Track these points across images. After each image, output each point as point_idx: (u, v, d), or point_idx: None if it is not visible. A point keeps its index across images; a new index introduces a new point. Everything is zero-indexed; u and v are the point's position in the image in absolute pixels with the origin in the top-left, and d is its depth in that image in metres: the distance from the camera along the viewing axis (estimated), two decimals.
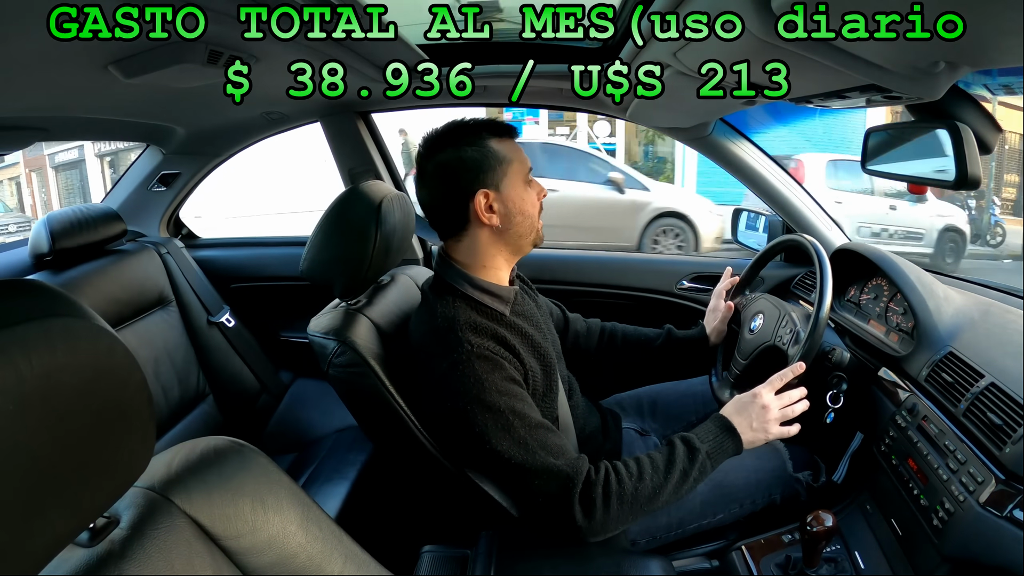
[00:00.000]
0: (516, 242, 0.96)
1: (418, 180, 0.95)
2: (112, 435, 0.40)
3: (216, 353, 1.58)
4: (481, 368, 0.84)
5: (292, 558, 0.56)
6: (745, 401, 0.92)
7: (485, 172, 0.91)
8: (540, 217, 0.98)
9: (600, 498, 0.82)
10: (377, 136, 1.67)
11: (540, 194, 0.98)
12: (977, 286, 1.19)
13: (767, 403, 0.91)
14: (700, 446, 0.87)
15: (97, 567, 0.45)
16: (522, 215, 0.94)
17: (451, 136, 0.93)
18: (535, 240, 0.98)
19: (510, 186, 0.93)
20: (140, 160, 1.74)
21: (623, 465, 0.86)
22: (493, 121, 0.95)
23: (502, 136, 0.94)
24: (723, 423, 0.91)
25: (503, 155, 0.92)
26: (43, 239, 1.31)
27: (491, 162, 0.91)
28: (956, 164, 0.76)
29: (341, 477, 1.30)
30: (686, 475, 0.85)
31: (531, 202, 0.95)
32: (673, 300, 1.63)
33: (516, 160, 0.93)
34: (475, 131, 0.93)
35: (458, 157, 0.91)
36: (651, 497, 0.84)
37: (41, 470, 0.35)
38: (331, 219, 1.00)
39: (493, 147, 0.92)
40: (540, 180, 0.99)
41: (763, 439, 0.91)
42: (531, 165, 0.97)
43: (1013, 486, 0.72)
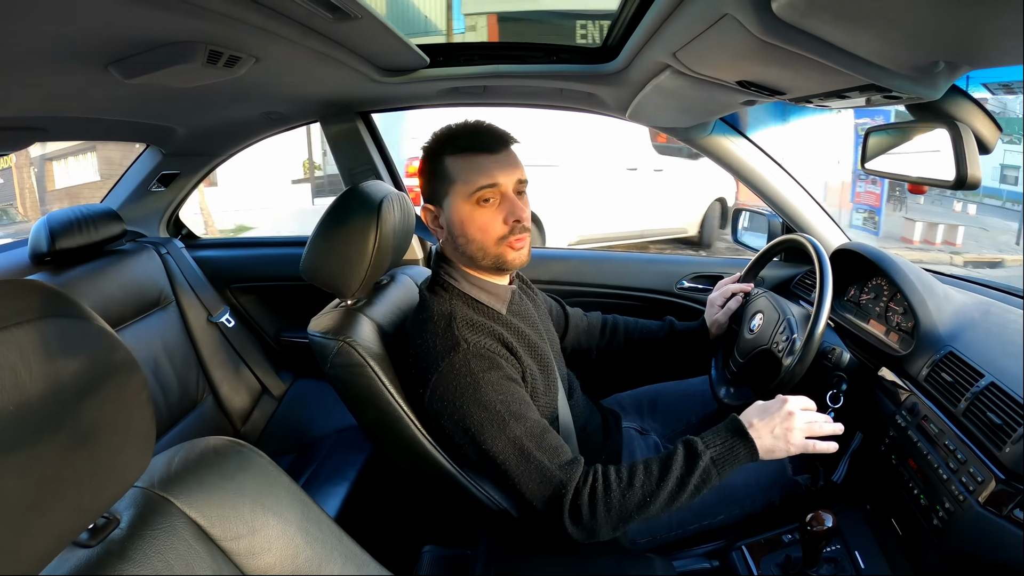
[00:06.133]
0: (472, 261, 0.92)
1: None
2: (112, 435, 0.40)
3: (216, 353, 1.58)
4: (478, 367, 0.84)
5: (292, 559, 0.56)
6: (770, 406, 0.86)
7: (432, 186, 0.91)
8: (511, 242, 0.89)
9: (586, 506, 0.81)
10: (377, 136, 1.67)
11: (509, 217, 0.88)
12: (977, 286, 1.19)
13: (792, 410, 0.84)
14: (704, 452, 0.82)
15: (97, 567, 0.45)
16: (464, 237, 0.90)
17: (428, 144, 0.93)
18: (495, 264, 0.91)
19: (451, 206, 0.89)
20: (140, 160, 1.74)
21: (614, 471, 0.83)
22: (463, 131, 0.90)
23: (465, 151, 0.88)
24: (736, 427, 0.85)
25: (450, 172, 0.88)
26: (43, 239, 1.31)
27: (437, 177, 0.90)
28: (956, 164, 0.76)
29: (341, 477, 1.30)
30: (683, 482, 0.81)
31: (477, 226, 0.88)
32: (673, 300, 1.63)
33: (462, 179, 0.87)
34: (441, 141, 0.91)
35: (423, 166, 0.93)
36: (641, 505, 0.81)
37: (41, 470, 0.35)
38: (331, 219, 1.00)
39: (446, 162, 0.89)
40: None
41: (784, 449, 0.83)
42: (494, 182, 0.87)
43: (1013, 486, 0.71)
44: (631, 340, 1.27)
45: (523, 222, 0.90)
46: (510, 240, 0.90)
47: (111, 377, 0.39)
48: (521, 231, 0.90)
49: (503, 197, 0.89)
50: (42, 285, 0.39)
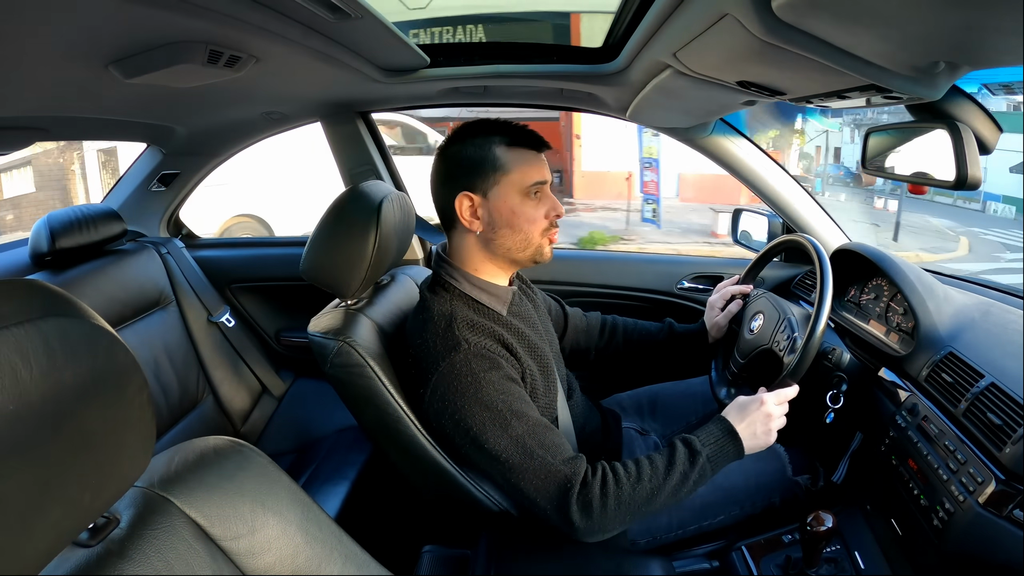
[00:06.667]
0: (505, 254, 0.93)
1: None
2: (112, 435, 0.40)
3: (216, 353, 1.58)
4: (479, 367, 0.84)
5: (292, 558, 0.56)
6: (750, 407, 0.90)
7: (476, 175, 0.89)
8: (551, 235, 0.94)
9: (597, 499, 0.81)
10: (377, 136, 1.67)
11: (551, 212, 0.93)
12: (977, 286, 1.19)
13: (771, 411, 0.90)
14: (701, 449, 0.86)
15: (97, 566, 0.45)
16: (510, 228, 0.91)
17: (465, 131, 0.92)
18: (533, 256, 0.94)
19: (500, 195, 0.90)
20: (140, 160, 1.74)
21: (621, 466, 0.85)
22: (514, 127, 0.91)
23: (518, 145, 0.90)
24: (726, 427, 0.89)
25: (503, 162, 0.89)
26: (43, 239, 1.31)
27: (486, 166, 0.89)
28: (956, 164, 0.76)
29: (341, 477, 1.30)
30: (686, 478, 0.85)
31: (527, 217, 0.91)
32: (673, 300, 1.63)
33: (518, 171, 0.89)
34: (487, 131, 0.90)
35: (458, 153, 0.91)
36: (648, 499, 0.83)
37: (41, 470, 0.35)
38: (331, 219, 1.00)
39: (496, 152, 0.89)
40: None
41: (762, 445, 0.90)
42: (545, 179, 0.92)
43: (1013, 486, 0.71)
44: (630, 341, 1.27)
45: (561, 215, 0.96)
46: (549, 234, 0.94)
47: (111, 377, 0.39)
48: (557, 225, 0.95)
49: (546, 193, 0.94)
50: (42, 285, 0.39)
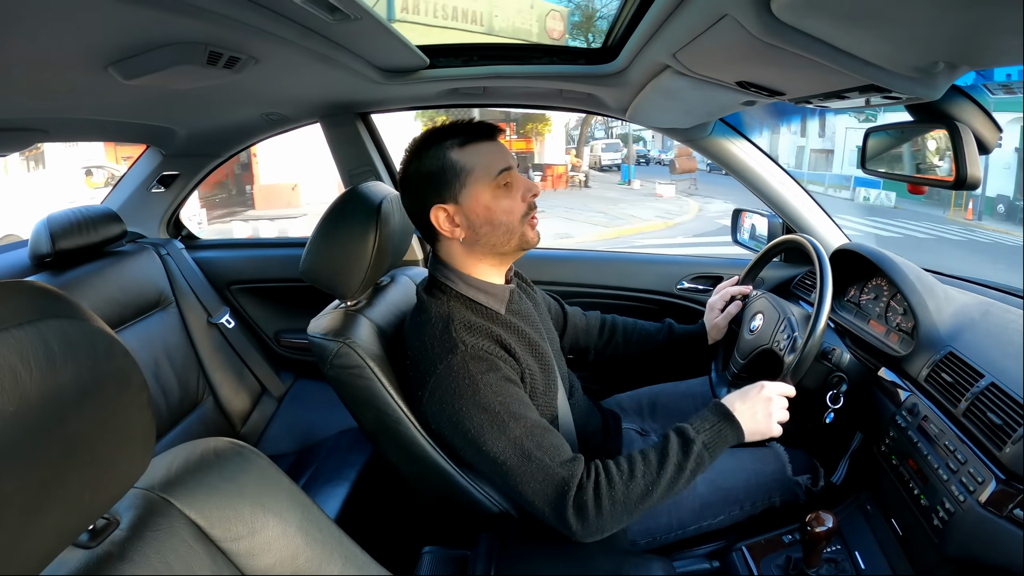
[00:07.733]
0: (492, 251, 0.92)
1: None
2: (112, 437, 0.40)
3: (216, 354, 1.58)
4: (476, 369, 0.84)
5: (292, 559, 0.56)
6: (749, 392, 0.90)
7: (442, 185, 0.88)
8: (531, 220, 0.92)
9: (591, 501, 0.80)
10: (377, 136, 1.67)
11: (527, 194, 0.91)
12: (977, 286, 1.19)
13: (771, 395, 0.89)
14: (696, 437, 0.84)
15: (97, 568, 0.45)
16: (490, 225, 0.89)
17: (417, 148, 0.91)
18: (519, 245, 0.92)
19: (471, 197, 0.88)
20: (140, 161, 1.74)
21: (614, 464, 0.84)
22: (460, 125, 0.89)
23: (471, 141, 0.89)
24: (722, 411, 0.88)
25: (463, 164, 0.88)
26: (43, 240, 1.31)
27: (447, 175, 0.88)
28: (955, 164, 0.76)
29: (341, 478, 1.30)
30: (681, 468, 0.83)
31: (503, 209, 0.89)
32: (673, 300, 1.63)
33: (480, 167, 0.88)
34: (437, 139, 0.89)
35: (417, 171, 0.90)
36: (644, 495, 0.82)
37: (41, 471, 0.35)
38: (331, 220, 1.00)
39: (452, 157, 0.88)
40: None
41: (764, 431, 0.88)
42: (509, 165, 0.90)
43: (1013, 486, 0.71)
44: (629, 341, 1.27)
45: (537, 195, 0.93)
46: (530, 218, 0.92)
47: (111, 378, 0.39)
48: (535, 206, 0.93)
49: (515, 177, 0.91)
50: (42, 286, 0.39)
